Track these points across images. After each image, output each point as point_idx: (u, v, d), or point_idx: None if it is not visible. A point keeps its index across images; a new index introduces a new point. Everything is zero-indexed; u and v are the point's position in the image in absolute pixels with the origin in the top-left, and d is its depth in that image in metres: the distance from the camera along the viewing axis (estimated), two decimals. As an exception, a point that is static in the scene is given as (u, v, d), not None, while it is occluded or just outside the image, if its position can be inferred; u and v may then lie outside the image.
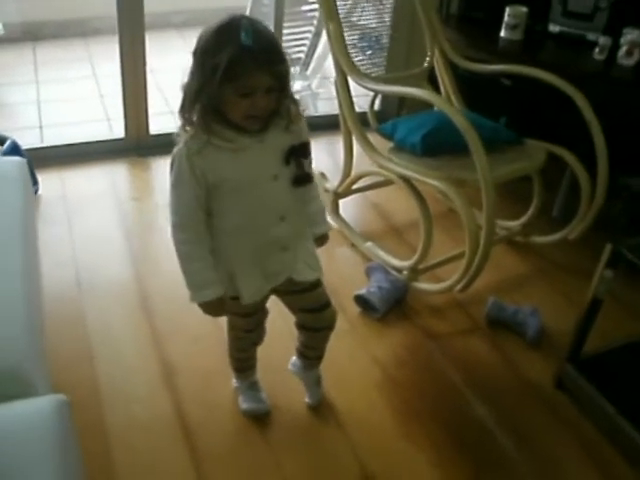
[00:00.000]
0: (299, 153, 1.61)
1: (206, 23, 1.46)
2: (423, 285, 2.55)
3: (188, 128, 1.51)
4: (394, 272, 2.56)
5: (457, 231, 2.84)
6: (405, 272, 2.55)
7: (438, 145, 2.42)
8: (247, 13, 3.78)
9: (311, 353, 2.00)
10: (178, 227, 1.59)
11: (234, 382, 2.08)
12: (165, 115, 3.88)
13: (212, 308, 1.66)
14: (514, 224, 2.86)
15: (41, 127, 3.76)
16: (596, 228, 2.59)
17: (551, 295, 2.62)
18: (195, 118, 1.49)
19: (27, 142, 3.18)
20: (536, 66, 2.56)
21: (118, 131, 3.47)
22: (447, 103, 2.60)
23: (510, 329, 2.42)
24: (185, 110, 1.50)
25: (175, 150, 1.54)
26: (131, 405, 2.05)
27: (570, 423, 2.09)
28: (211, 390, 2.11)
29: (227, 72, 1.39)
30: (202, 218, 1.59)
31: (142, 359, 2.22)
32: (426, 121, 2.51)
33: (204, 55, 1.44)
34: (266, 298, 1.81)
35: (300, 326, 1.91)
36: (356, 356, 2.27)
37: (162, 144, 3.47)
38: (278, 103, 1.51)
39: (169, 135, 1.53)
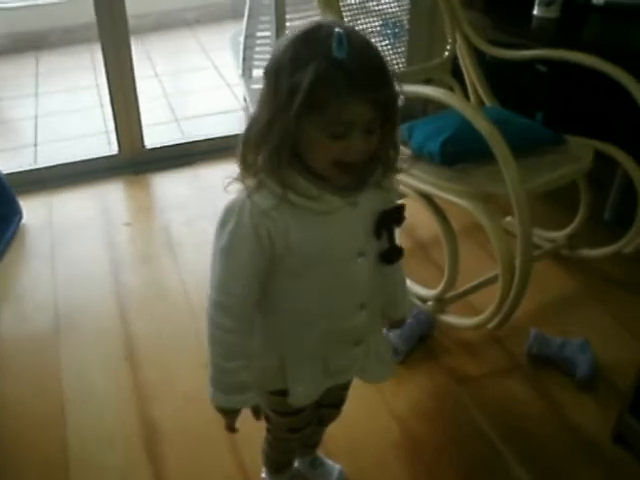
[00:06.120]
0: (393, 220, 1.17)
1: (222, 18, 1.07)
2: (450, 319, 2.18)
3: (249, 179, 1.08)
4: (418, 302, 2.21)
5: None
6: (430, 302, 2.18)
7: (461, 152, 2.05)
8: (247, 3, 3.41)
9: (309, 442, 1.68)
10: (221, 308, 1.15)
11: (262, 476, 1.70)
12: (170, 124, 3.63)
13: (234, 417, 1.24)
14: (559, 235, 2.47)
15: (36, 145, 3.53)
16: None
17: (604, 321, 2.24)
18: (261, 163, 1.06)
19: (18, 163, 3.05)
20: (578, 48, 2.17)
21: (116, 144, 3.19)
22: (465, 102, 2.18)
23: (556, 367, 2.05)
24: (248, 151, 1.08)
25: (231, 203, 1.09)
26: (104, 477, 1.76)
27: (632, 487, 1.73)
28: (201, 463, 1.79)
29: (310, 96, 0.97)
30: (255, 298, 1.17)
31: (121, 421, 1.92)
32: (447, 124, 2.13)
33: (279, 73, 1.02)
34: None
35: None
36: (370, 410, 1.93)
37: (160, 158, 3.25)
38: (379, 147, 1.08)
39: (167, 148, 1.16)
